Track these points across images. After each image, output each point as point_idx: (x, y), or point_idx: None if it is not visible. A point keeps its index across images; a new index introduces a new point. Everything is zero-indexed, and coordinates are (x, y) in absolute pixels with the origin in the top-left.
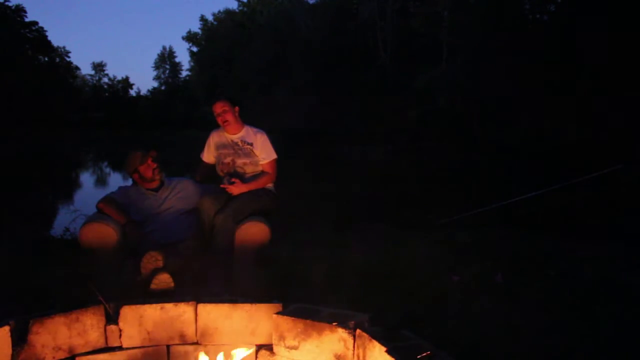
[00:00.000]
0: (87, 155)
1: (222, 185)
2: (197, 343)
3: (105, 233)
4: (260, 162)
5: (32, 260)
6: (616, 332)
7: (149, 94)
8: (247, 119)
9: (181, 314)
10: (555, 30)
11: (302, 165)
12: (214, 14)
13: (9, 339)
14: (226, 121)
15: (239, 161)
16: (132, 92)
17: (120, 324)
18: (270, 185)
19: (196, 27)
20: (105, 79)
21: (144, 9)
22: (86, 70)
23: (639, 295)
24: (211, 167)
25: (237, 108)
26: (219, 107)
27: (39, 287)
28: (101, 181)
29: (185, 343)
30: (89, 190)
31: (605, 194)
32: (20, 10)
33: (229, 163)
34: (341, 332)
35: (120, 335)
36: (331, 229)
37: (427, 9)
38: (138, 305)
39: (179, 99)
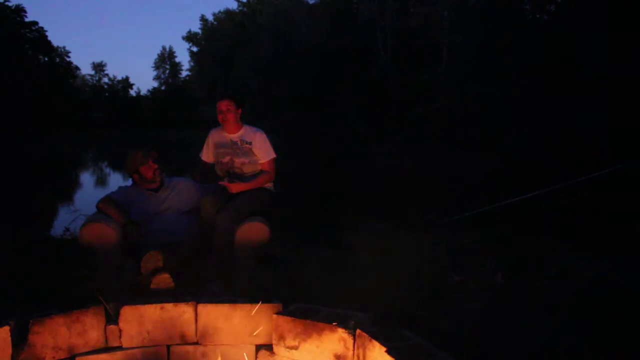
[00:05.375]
0: (87, 155)
1: (220, 182)
2: (197, 343)
3: (105, 233)
4: (260, 161)
5: (32, 260)
6: (616, 332)
7: (149, 94)
8: (247, 119)
9: (181, 314)
10: (555, 30)
11: (301, 165)
12: (214, 14)
13: (9, 339)
14: (226, 120)
15: (238, 160)
16: (132, 92)
17: (120, 324)
18: (269, 185)
19: (196, 27)
20: (105, 79)
21: (144, 9)
22: (86, 70)
23: (638, 295)
24: (210, 167)
25: (240, 110)
26: (224, 105)
27: (39, 287)
28: (101, 181)
29: (185, 343)
30: (89, 190)
31: (605, 194)
32: (20, 10)
33: (227, 162)
34: (341, 332)
35: (120, 335)
36: (331, 228)
37: (427, 9)
38: (138, 305)
39: (179, 99)
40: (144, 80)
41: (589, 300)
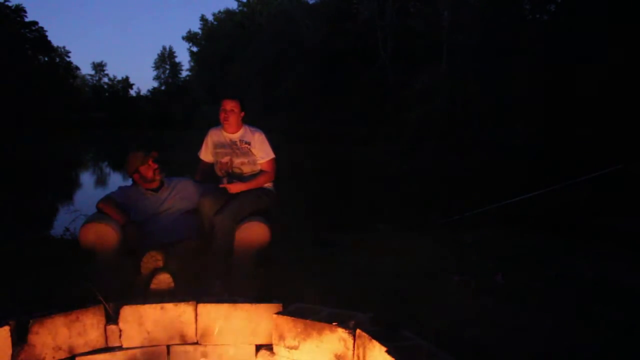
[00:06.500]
0: (87, 155)
1: (221, 185)
2: (197, 343)
3: (105, 233)
4: (259, 162)
5: (32, 260)
6: (616, 332)
7: (149, 94)
8: (247, 119)
9: (181, 314)
10: (555, 30)
11: (301, 165)
12: (214, 14)
13: (9, 339)
14: (227, 120)
15: (237, 161)
16: (132, 92)
17: (120, 324)
18: (269, 185)
19: (196, 27)
20: (105, 79)
21: (144, 9)
22: (86, 70)
23: (638, 295)
24: (210, 166)
25: (243, 113)
26: (229, 105)
27: (39, 287)
28: (101, 181)
29: (185, 343)
30: (89, 190)
31: (605, 194)
32: (20, 10)
33: (226, 162)
34: (341, 332)
35: (120, 335)
36: (331, 229)
37: (427, 9)
38: (138, 305)
39: (179, 99)
40: (144, 80)
41: (589, 300)
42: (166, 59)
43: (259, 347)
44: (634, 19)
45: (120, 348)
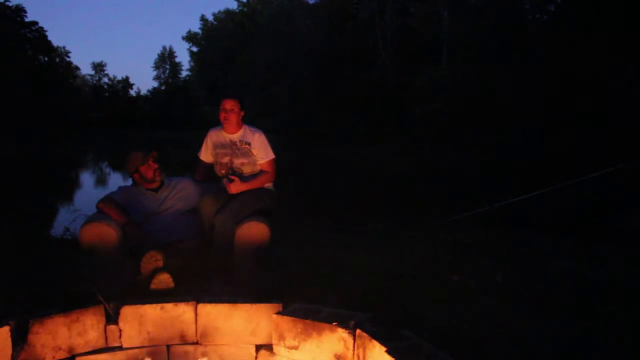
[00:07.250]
0: (87, 155)
1: (224, 181)
2: (197, 343)
3: (105, 233)
4: (259, 162)
5: (32, 260)
6: (616, 332)
7: (149, 94)
8: (247, 118)
9: (181, 314)
10: (555, 30)
11: (301, 165)
12: (214, 14)
13: (9, 339)
14: (227, 120)
15: (237, 161)
16: (132, 92)
17: (120, 324)
18: (269, 185)
19: (196, 27)
20: (105, 79)
21: (143, 9)
22: (86, 70)
23: (638, 295)
24: (210, 166)
25: (242, 112)
26: (229, 104)
27: (39, 287)
28: (101, 181)
29: (185, 343)
30: (89, 190)
31: (605, 194)
32: (20, 10)
33: (226, 163)
34: (341, 332)
35: (120, 335)
36: (331, 229)
37: (427, 9)
38: (138, 305)
39: (179, 99)
40: (144, 80)
41: (589, 300)
42: (166, 59)
43: (259, 347)
44: (634, 18)
45: (120, 348)
